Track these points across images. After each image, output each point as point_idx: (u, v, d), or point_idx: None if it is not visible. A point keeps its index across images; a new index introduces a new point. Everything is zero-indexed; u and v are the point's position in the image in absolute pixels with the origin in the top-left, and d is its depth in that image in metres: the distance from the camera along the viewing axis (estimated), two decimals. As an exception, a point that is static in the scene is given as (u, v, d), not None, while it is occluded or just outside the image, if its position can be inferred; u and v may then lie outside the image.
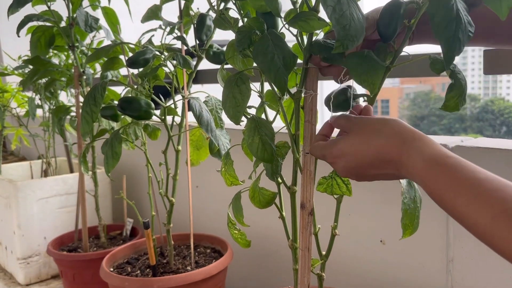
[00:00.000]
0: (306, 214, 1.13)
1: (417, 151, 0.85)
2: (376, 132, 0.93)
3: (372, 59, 0.99)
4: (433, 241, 1.50)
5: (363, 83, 0.99)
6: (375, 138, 0.92)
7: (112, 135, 1.60)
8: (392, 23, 0.98)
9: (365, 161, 0.93)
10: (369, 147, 0.92)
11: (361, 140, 0.94)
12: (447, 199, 0.78)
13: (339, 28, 0.89)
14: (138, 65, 1.50)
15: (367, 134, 0.93)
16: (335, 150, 0.98)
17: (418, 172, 0.84)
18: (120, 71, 2.21)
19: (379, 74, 0.99)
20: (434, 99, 28.02)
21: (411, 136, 0.89)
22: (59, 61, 2.47)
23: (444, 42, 0.88)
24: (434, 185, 0.80)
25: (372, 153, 0.91)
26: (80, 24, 1.97)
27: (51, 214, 2.47)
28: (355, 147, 0.94)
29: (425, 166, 0.83)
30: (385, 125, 0.93)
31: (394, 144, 0.89)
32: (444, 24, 0.87)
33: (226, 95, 1.09)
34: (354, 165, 0.95)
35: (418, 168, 0.84)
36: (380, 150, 0.90)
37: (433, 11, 0.89)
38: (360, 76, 0.98)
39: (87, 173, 1.91)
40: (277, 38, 1.03)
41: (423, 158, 0.84)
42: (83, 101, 1.50)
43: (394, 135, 0.90)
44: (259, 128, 1.12)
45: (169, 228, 1.82)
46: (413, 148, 0.86)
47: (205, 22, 1.56)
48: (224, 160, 1.33)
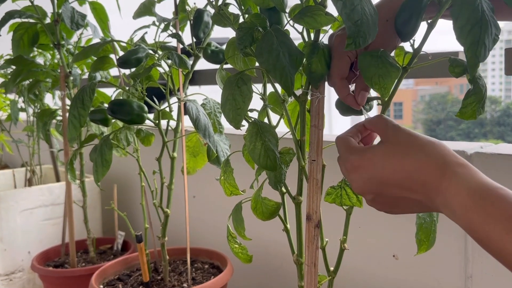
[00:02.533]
0: (313, 226, 1.13)
1: (462, 177, 0.80)
2: (416, 146, 0.87)
3: (386, 60, 0.99)
4: (451, 256, 1.50)
5: (374, 86, 0.98)
6: (413, 153, 0.87)
7: (102, 140, 1.60)
8: (412, 19, 0.96)
9: (393, 178, 0.87)
10: (403, 161, 0.87)
11: (396, 152, 0.89)
12: (495, 237, 0.73)
13: (350, 24, 0.89)
14: (130, 65, 1.50)
15: (405, 146, 0.88)
16: (362, 157, 0.92)
17: (461, 202, 0.78)
18: (111, 72, 2.22)
19: (393, 77, 0.99)
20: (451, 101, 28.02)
21: (455, 161, 0.84)
22: (44, 60, 2.47)
23: (468, 47, 0.85)
24: (480, 220, 0.75)
25: (406, 170, 0.86)
26: (66, 20, 1.97)
27: (35, 227, 2.47)
28: (387, 158, 0.89)
29: (471, 196, 0.78)
30: (427, 142, 0.87)
31: (435, 165, 0.84)
32: (469, 27, 0.85)
33: (226, 97, 1.09)
34: (379, 180, 0.89)
35: (461, 198, 0.79)
36: (416, 168, 0.85)
37: (456, 12, 0.86)
38: (372, 79, 0.98)
39: (74, 182, 1.91)
40: (282, 34, 1.02)
41: (469, 186, 0.79)
42: (70, 104, 1.50)
43: (436, 155, 0.85)
44: (262, 133, 1.12)
45: (164, 242, 1.82)
46: (457, 174, 0.81)
47: (202, 18, 1.57)
48: (223, 168, 1.33)
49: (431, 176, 0.83)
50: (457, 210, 0.79)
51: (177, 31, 1.72)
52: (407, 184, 0.86)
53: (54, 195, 2.53)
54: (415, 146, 0.87)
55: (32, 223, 2.46)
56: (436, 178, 0.82)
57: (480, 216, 0.75)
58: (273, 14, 1.10)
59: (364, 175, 0.91)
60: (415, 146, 0.87)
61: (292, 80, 0.99)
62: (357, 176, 0.93)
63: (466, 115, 1.01)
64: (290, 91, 1.01)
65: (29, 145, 2.86)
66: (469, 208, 0.77)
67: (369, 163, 0.90)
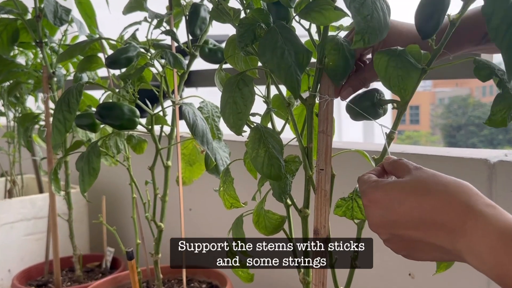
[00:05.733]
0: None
1: (490, 217, 0.78)
2: (438, 186, 0.85)
3: (405, 59, 0.98)
4: (472, 275, 1.49)
5: (393, 88, 0.98)
6: (434, 191, 0.85)
7: (89, 148, 1.60)
8: (434, 16, 0.95)
9: (409, 216, 0.86)
10: (423, 198, 0.85)
11: (417, 187, 0.87)
12: None
13: (359, 19, 0.89)
14: (120, 65, 1.51)
15: (427, 183, 0.86)
16: (379, 190, 0.91)
17: (489, 244, 0.76)
18: (99, 72, 2.22)
19: (414, 78, 0.98)
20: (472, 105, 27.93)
21: (480, 201, 0.81)
22: (25, 60, 2.48)
23: (505, 49, 0.84)
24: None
25: (424, 208, 0.84)
26: (48, 16, 1.96)
27: (16, 242, 2.47)
28: (406, 194, 0.87)
29: (502, 238, 0.75)
30: (451, 181, 0.85)
31: (458, 204, 0.82)
32: (504, 27, 0.83)
33: (226, 100, 1.09)
34: (394, 218, 0.88)
35: (490, 240, 0.76)
36: (437, 206, 0.83)
37: (489, 11, 0.84)
38: (390, 80, 0.98)
39: (59, 193, 1.91)
40: (287, 31, 1.03)
41: (499, 226, 0.76)
42: (54, 108, 1.50)
43: (461, 193, 0.83)
44: (265, 140, 1.12)
45: (157, 259, 1.82)
46: (484, 214, 0.79)
47: (199, 13, 1.57)
48: (222, 178, 1.33)
49: (454, 215, 0.81)
50: (484, 253, 0.77)
51: (171, 27, 1.72)
52: (424, 227, 0.84)
53: (37, 207, 2.53)
54: (439, 184, 0.85)
55: (13, 238, 2.46)
56: (460, 218, 0.80)
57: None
58: (276, 9, 1.10)
59: (379, 210, 0.90)
60: (438, 184, 0.85)
61: (299, 81, 0.99)
62: (372, 211, 0.92)
63: (496, 123, 0.99)
64: (296, 94, 1.01)
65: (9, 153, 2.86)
66: (499, 251, 0.75)
67: (386, 197, 0.89)
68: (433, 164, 0.86)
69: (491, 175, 1.44)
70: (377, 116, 1.08)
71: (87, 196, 1.63)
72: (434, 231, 0.83)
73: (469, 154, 1.51)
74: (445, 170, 0.94)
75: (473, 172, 1.47)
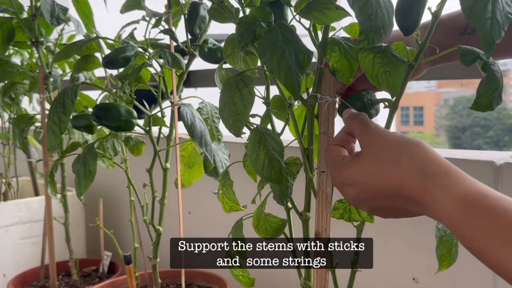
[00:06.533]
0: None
1: (444, 190, 0.82)
2: (392, 158, 0.90)
3: (390, 54, 0.99)
4: (477, 276, 1.49)
5: (382, 85, 0.99)
6: (391, 168, 0.90)
7: (86, 150, 1.60)
8: (413, 9, 0.97)
9: (379, 194, 0.92)
10: (383, 178, 0.90)
11: (373, 168, 0.92)
12: (488, 252, 0.74)
13: (363, 18, 0.89)
14: (117, 65, 1.51)
15: (382, 161, 0.91)
16: (345, 176, 0.97)
17: (447, 217, 0.81)
18: (96, 72, 2.22)
19: (401, 73, 0.99)
20: (478, 105, 27.93)
21: (434, 170, 0.85)
22: (21, 60, 2.48)
23: (481, 26, 0.85)
24: (469, 235, 0.77)
25: (388, 186, 0.90)
26: (45, 15, 1.96)
27: (12, 246, 2.47)
28: (367, 176, 0.93)
29: (455, 211, 0.79)
30: (403, 151, 0.90)
31: (414, 179, 0.86)
32: (478, 5, 0.85)
33: (225, 101, 1.09)
34: (367, 196, 0.94)
35: (447, 213, 0.80)
36: (398, 184, 0.88)
37: None
38: (378, 77, 0.98)
39: (55, 196, 1.91)
40: (287, 30, 1.03)
41: (452, 199, 0.80)
42: (49, 109, 1.50)
43: (413, 166, 0.87)
44: (265, 141, 1.12)
45: (156, 263, 1.82)
46: (438, 186, 0.83)
47: (198, 12, 1.57)
48: (221, 181, 1.33)
49: (413, 192, 0.86)
50: (446, 224, 0.82)
51: (170, 26, 1.72)
52: (395, 199, 0.90)
53: (33, 210, 2.53)
54: (393, 158, 0.90)
55: (8, 242, 2.46)
56: (418, 193, 0.85)
57: (469, 232, 0.77)
58: (276, 8, 1.10)
59: (352, 190, 0.96)
60: (392, 158, 0.90)
61: (299, 82, 0.99)
62: (346, 193, 0.98)
63: (482, 106, 1.00)
64: (297, 94, 1.01)
65: (4, 154, 2.86)
66: (457, 224, 0.79)
67: (351, 181, 0.95)
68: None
69: (497, 178, 1.44)
70: (370, 116, 1.08)
71: (83, 199, 1.63)
72: (404, 202, 0.89)
73: (474, 156, 1.51)
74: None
75: (478, 175, 1.46)
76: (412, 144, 0.90)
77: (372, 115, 1.10)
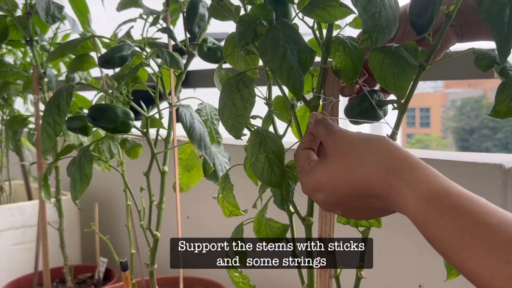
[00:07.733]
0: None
1: (408, 186, 0.83)
2: (356, 157, 0.91)
3: (400, 56, 0.99)
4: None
5: (389, 87, 0.99)
6: (357, 168, 0.90)
7: (81, 152, 1.60)
8: (427, 9, 0.97)
9: (349, 195, 0.92)
10: (349, 178, 0.91)
11: (339, 169, 0.93)
12: (450, 251, 0.75)
13: (366, 16, 0.89)
14: (113, 65, 1.51)
15: (346, 161, 0.92)
16: (312, 181, 0.98)
17: (411, 213, 0.82)
18: (91, 72, 2.21)
19: (409, 75, 0.99)
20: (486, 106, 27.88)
21: (398, 165, 0.86)
22: (14, 59, 2.48)
23: (497, 31, 0.86)
24: (432, 233, 0.78)
25: (356, 187, 0.90)
26: (40, 13, 1.96)
27: (4, 252, 2.47)
28: (334, 178, 0.93)
29: (419, 208, 0.80)
30: (367, 148, 0.91)
31: (379, 176, 0.87)
32: (496, 9, 0.85)
33: (224, 102, 1.09)
34: (337, 199, 0.94)
35: (411, 209, 0.81)
36: (363, 183, 0.89)
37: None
38: (386, 78, 0.98)
39: (49, 200, 1.91)
40: (289, 29, 1.03)
41: (416, 196, 0.81)
42: (44, 110, 1.50)
43: (377, 163, 0.88)
44: (266, 144, 1.12)
45: (153, 270, 1.82)
46: (402, 183, 0.84)
47: (197, 10, 1.57)
48: (221, 184, 1.33)
49: (379, 189, 0.87)
50: (412, 221, 0.83)
51: (168, 25, 1.72)
52: (363, 198, 0.91)
53: (26, 215, 2.53)
54: (357, 157, 0.91)
55: (0, 248, 2.46)
56: (384, 190, 0.86)
57: (432, 231, 0.78)
58: (278, 6, 1.10)
59: (320, 196, 0.97)
60: (357, 157, 0.91)
61: (301, 82, 0.99)
62: (316, 198, 0.99)
63: (501, 113, 1.00)
64: (299, 95, 1.01)
65: (-3, 157, 2.86)
66: (420, 221, 0.80)
67: (319, 185, 0.96)
68: (444, 170, 0.86)
69: (506, 181, 1.44)
70: (377, 118, 1.08)
71: (78, 204, 1.63)
72: (374, 201, 0.90)
73: (482, 159, 1.51)
74: (457, 175, 0.94)
75: (487, 178, 1.47)
76: (375, 141, 0.92)
77: (380, 117, 1.10)
